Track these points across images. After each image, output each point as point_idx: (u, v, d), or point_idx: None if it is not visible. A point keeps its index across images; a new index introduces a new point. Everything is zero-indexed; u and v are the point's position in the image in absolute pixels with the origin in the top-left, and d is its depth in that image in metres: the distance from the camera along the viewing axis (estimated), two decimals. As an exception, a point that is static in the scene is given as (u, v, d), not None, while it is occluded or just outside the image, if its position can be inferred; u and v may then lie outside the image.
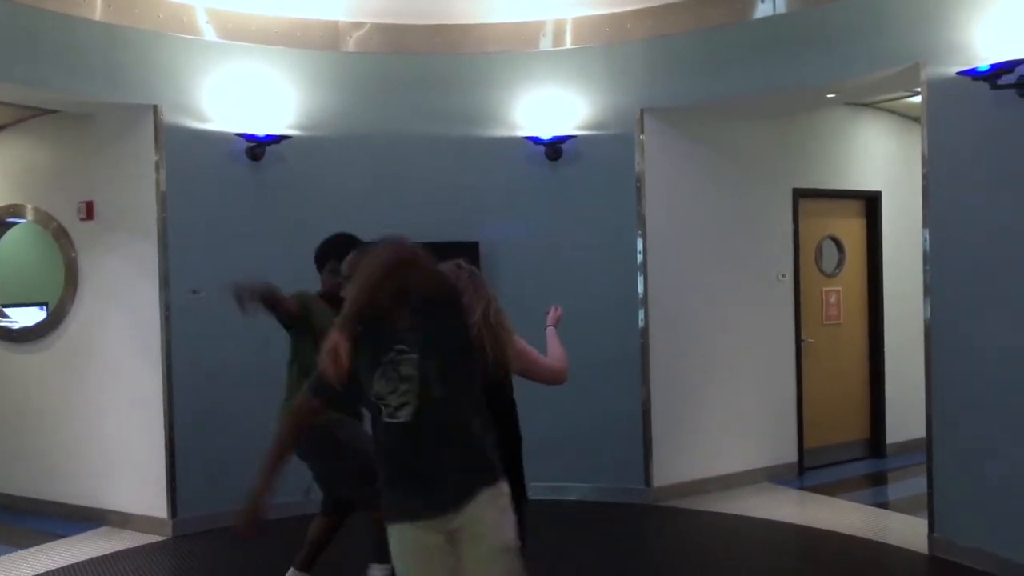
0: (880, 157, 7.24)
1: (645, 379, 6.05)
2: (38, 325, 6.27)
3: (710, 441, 6.35)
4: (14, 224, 6.56)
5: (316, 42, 5.94)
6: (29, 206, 6.18)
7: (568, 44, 6.09)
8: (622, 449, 6.10)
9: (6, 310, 6.68)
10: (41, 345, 6.15)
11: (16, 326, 6.46)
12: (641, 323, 6.00)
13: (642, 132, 5.99)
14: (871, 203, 7.22)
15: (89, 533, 5.64)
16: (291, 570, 4.14)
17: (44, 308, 6.65)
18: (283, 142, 5.80)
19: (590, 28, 6.04)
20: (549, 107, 6.07)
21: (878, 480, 6.84)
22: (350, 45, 6.03)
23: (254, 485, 2.55)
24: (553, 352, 3.34)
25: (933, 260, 4.86)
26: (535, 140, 6.08)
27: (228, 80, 5.70)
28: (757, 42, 5.56)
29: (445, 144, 6.13)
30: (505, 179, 6.17)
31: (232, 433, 5.60)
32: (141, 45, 5.42)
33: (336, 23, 5.98)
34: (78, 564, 5.08)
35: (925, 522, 4.94)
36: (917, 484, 5.78)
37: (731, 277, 6.40)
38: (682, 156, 6.20)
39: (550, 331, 3.48)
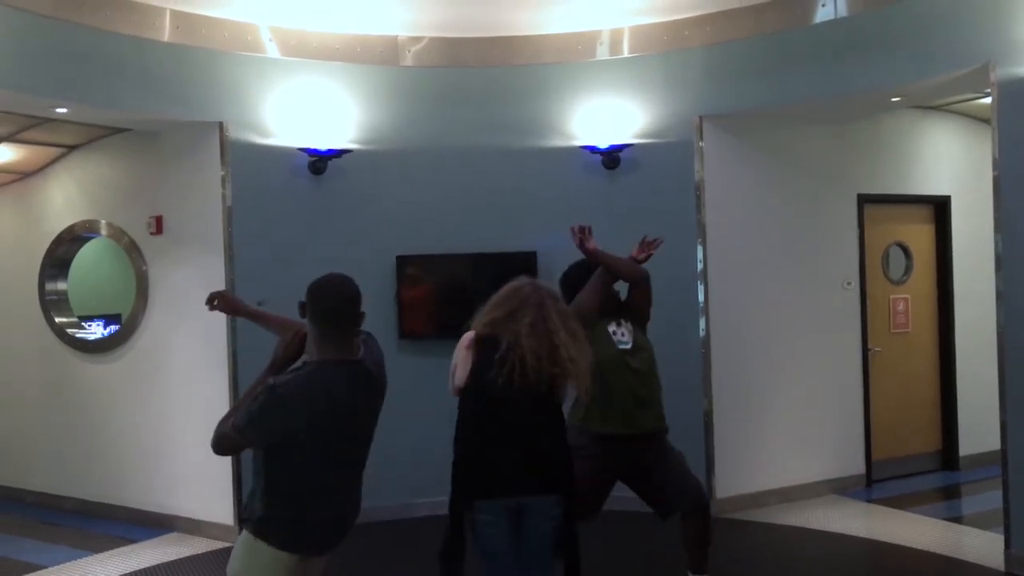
0: (948, 161, 7.04)
1: (707, 389, 5.97)
2: (111, 336, 6.48)
3: (774, 452, 6.23)
4: (89, 239, 6.79)
5: (375, 57, 6.04)
6: (103, 221, 6.40)
7: (625, 53, 6.08)
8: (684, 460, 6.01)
9: (82, 322, 6.93)
10: (114, 356, 6.35)
11: (91, 337, 6.69)
12: (702, 332, 5.93)
13: (701, 139, 5.93)
14: (940, 208, 7.03)
15: (159, 539, 5.79)
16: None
17: (117, 320, 6.90)
18: (344, 156, 5.91)
19: (648, 36, 6.01)
20: (606, 116, 6.06)
21: (950, 493, 6.63)
22: (408, 59, 6.11)
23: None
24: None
25: (1006, 265, 4.71)
26: (592, 149, 6.07)
27: (291, 96, 5.83)
28: (818, 46, 5.47)
29: (503, 155, 6.17)
30: (562, 189, 6.17)
31: (296, 442, 5.70)
32: (207, 64, 5.58)
33: (395, 38, 6.07)
34: (149, 568, 5.23)
35: (1001, 537, 4.78)
36: (992, 498, 5.58)
37: (795, 285, 6.29)
38: (742, 163, 6.13)
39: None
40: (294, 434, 2.64)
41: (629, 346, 4.14)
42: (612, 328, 4.17)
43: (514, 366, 2.93)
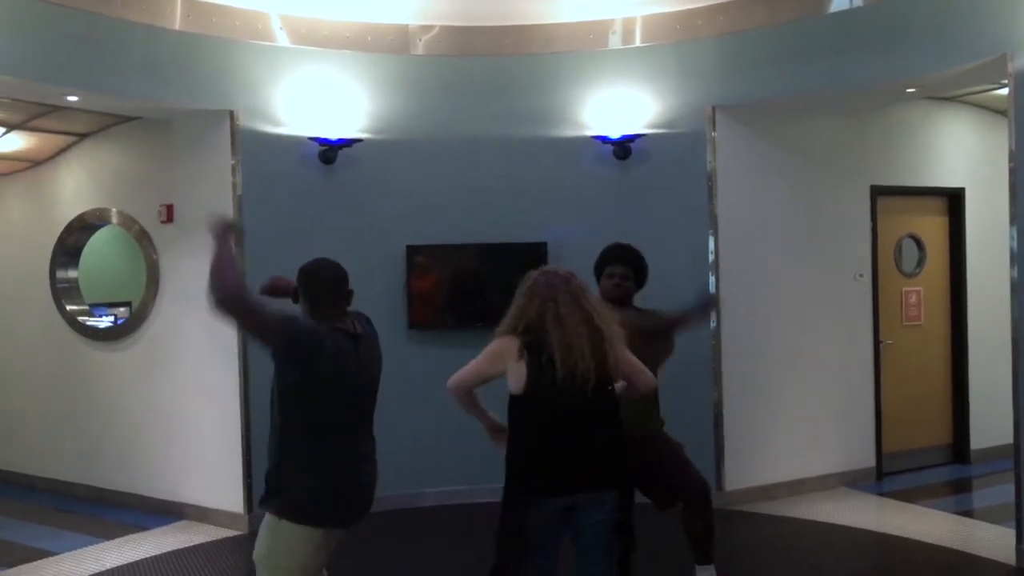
0: (963, 152, 6.97)
1: (717, 381, 5.96)
2: (121, 325, 6.50)
3: (784, 444, 6.21)
4: (100, 227, 6.80)
5: (386, 46, 6.02)
6: (113, 210, 6.40)
7: (637, 42, 6.03)
8: (693, 452, 5.88)
9: (94, 311, 6.95)
10: (124, 344, 6.37)
11: (101, 325, 6.71)
12: (713, 323, 5.91)
13: (714, 130, 5.89)
14: (954, 200, 6.97)
15: (170, 526, 5.82)
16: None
17: (128, 308, 6.91)
18: (355, 145, 5.89)
19: (660, 26, 5.97)
20: (618, 106, 6.02)
21: (961, 487, 6.59)
22: (419, 48, 6.09)
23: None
24: None
25: (1021, 258, 4.65)
26: (604, 139, 6.04)
27: (301, 85, 5.82)
28: (833, 36, 5.42)
29: (514, 145, 6.14)
30: (573, 179, 6.14)
31: (305, 431, 5.72)
32: (218, 52, 5.57)
33: (406, 27, 6.04)
34: (160, 556, 5.25)
35: (1013, 532, 4.75)
36: (1003, 492, 5.55)
37: (807, 277, 6.26)
38: (755, 154, 6.09)
39: None
40: (303, 365, 2.79)
41: None
42: None
43: (565, 364, 2.92)
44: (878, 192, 6.56)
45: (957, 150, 6.95)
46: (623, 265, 4.22)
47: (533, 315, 3.01)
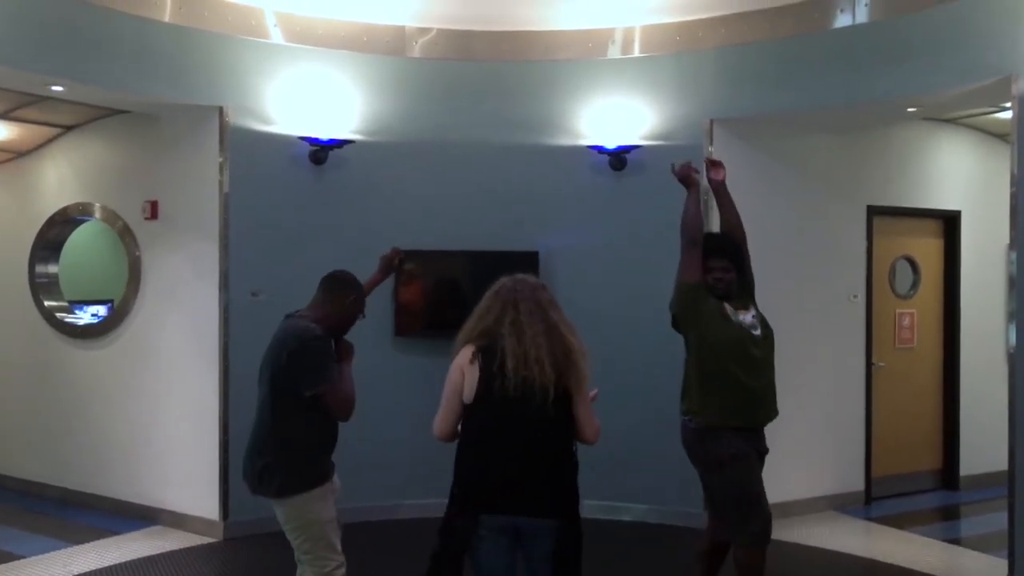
0: (960, 175, 6.92)
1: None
2: (101, 322, 6.35)
3: (773, 466, 5.97)
4: (82, 222, 6.66)
5: (382, 47, 5.92)
6: (97, 204, 6.26)
7: (637, 52, 5.96)
8: (680, 471, 5.88)
9: (74, 307, 6.80)
10: (103, 342, 6.21)
11: (81, 322, 6.56)
12: (704, 340, 5.80)
13: (711, 143, 5.81)
14: (949, 223, 6.92)
15: (142, 531, 5.67)
16: None
17: (110, 306, 6.76)
18: (346, 147, 5.78)
19: (660, 36, 5.89)
20: (615, 116, 5.93)
21: (950, 514, 6.51)
22: (416, 50, 5.99)
23: None
24: None
25: (1020, 283, 4.58)
26: (599, 149, 5.95)
27: (293, 83, 5.70)
28: (835, 53, 5.35)
29: (508, 152, 6.04)
30: (567, 188, 6.05)
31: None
32: (209, 47, 5.45)
33: (402, 28, 5.94)
34: (130, 562, 5.09)
35: (1004, 562, 4.66)
36: (993, 520, 5.49)
37: (800, 296, 6.17)
38: (752, 169, 5.99)
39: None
40: None
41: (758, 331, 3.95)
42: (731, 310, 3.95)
43: (518, 372, 2.78)
44: (874, 212, 6.49)
45: (954, 173, 6.90)
46: (720, 257, 4.01)
47: (491, 320, 2.88)
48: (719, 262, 3.98)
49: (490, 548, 2.83)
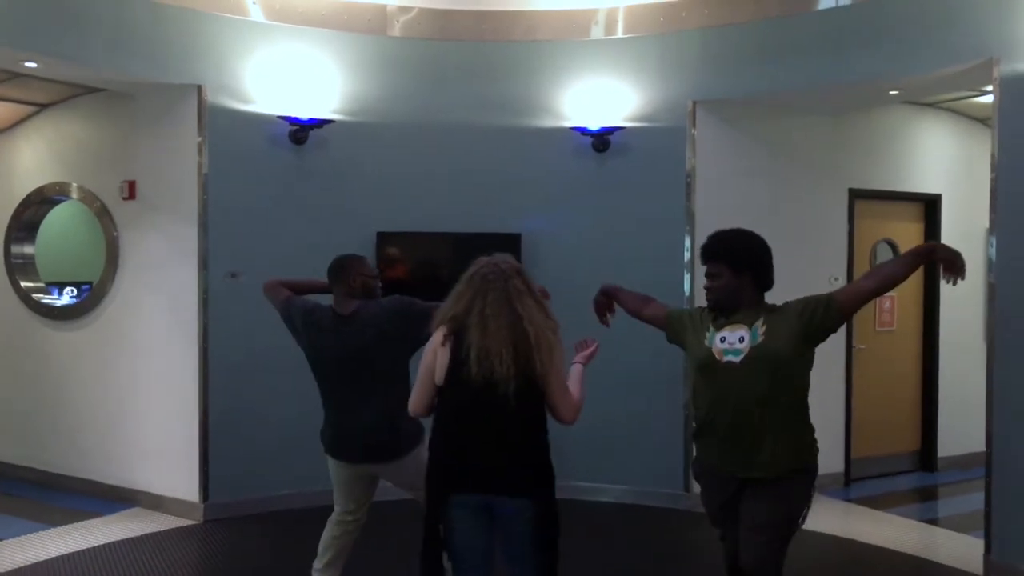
0: (941, 159, 6.95)
1: (687, 381, 5.86)
2: (79, 303, 6.28)
3: (753, 447, 6.13)
4: (59, 202, 6.57)
5: (363, 26, 5.85)
6: (74, 184, 6.18)
7: (620, 33, 5.92)
8: (661, 452, 5.93)
9: (51, 289, 6.71)
10: (81, 323, 6.15)
11: (58, 303, 6.48)
12: (686, 323, 5.81)
13: (694, 125, 5.80)
14: (930, 206, 6.94)
15: (121, 513, 5.63)
16: None
17: (87, 287, 6.68)
18: (326, 126, 5.72)
19: (644, 17, 5.86)
20: (598, 97, 5.90)
21: (928, 495, 6.57)
22: (397, 30, 5.93)
23: None
24: (574, 392, 2.98)
25: (999, 267, 4.61)
26: (582, 131, 5.92)
27: (273, 62, 5.63)
28: (818, 34, 5.34)
29: (490, 133, 6.00)
30: (550, 170, 6.02)
31: (266, 419, 5.56)
32: (187, 24, 5.37)
33: (384, 7, 5.88)
34: (109, 544, 5.06)
35: (980, 542, 4.71)
36: (970, 501, 5.54)
37: (781, 278, 6.11)
38: (735, 151, 6.00)
39: (576, 368, 3.13)
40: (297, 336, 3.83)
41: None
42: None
43: (482, 365, 2.78)
44: (856, 195, 6.51)
45: (935, 156, 6.92)
46: (712, 261, 3.36)
47: (461, 309, 2.88)
48: (711, 267, 3.37)
49: (464, 529, 2.85)
